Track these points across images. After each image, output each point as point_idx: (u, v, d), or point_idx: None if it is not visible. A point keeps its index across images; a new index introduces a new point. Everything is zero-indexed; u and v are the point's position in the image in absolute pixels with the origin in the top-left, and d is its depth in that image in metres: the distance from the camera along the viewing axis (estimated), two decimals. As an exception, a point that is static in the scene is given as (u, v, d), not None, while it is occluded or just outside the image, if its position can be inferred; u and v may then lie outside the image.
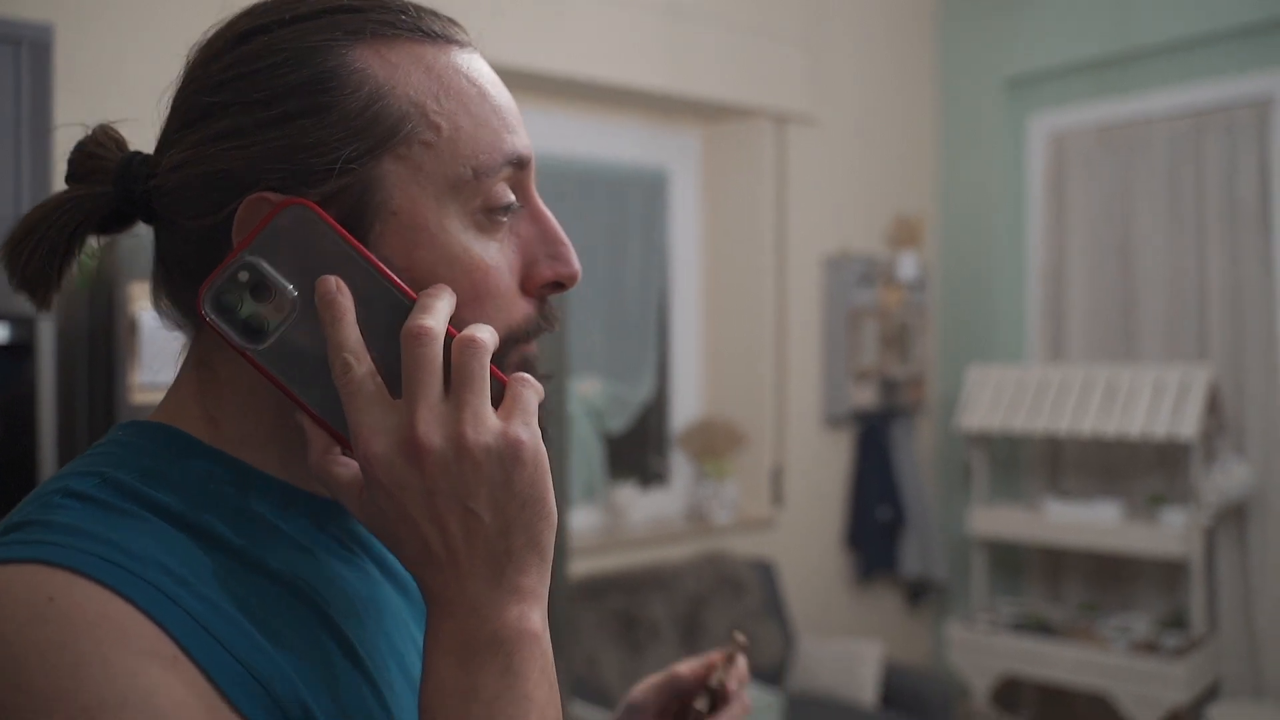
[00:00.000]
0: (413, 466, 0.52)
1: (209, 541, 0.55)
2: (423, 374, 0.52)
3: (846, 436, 4.13)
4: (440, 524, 0.52)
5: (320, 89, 0.55)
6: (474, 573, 0.53)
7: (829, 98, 4.01)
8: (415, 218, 0.56)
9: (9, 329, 1.88)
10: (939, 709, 3.45)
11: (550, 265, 0.62)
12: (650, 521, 3.80)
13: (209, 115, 0.56)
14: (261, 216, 0.54)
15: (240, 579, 0.54)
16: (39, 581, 0.48)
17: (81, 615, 0.47)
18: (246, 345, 0.55)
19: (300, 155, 0.55)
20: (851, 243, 4.11)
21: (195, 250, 0.57)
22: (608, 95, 3.56)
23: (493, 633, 0.52)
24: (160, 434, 0.59)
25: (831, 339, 4.04)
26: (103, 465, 0.56)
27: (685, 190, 3.97)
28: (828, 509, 4.10)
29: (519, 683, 0.52)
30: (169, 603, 0.50)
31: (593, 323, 3.74)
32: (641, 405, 3.84)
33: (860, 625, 4.13)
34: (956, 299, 4.35)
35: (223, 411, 0.59)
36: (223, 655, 0.50)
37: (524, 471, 0.53)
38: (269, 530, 0.58)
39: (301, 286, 0.55)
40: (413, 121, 0.56)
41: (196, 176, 0.56)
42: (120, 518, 0.53)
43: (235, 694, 0.50)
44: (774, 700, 3.25)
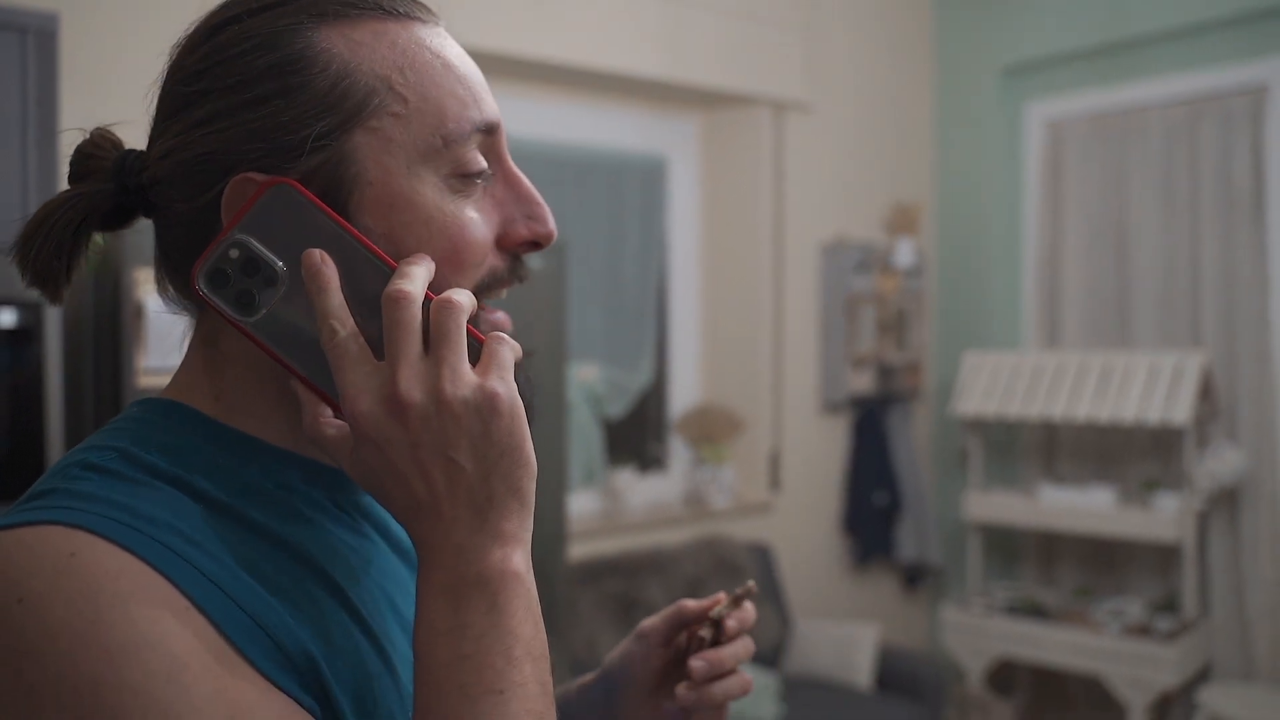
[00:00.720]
0: (396, 421, 0.55)
1: (215, 508, 0.58)
2: (402, 334, 0.56)
3: (843, 422, 4.17)
4: (425, 474, 0.56)
5: (290, 70, 0.59)
6: (458, 519, 0.56)
7: (826, 85, 4.02)
8: (389, 186, 0.60)
9: (16, 314, 1.91)
10: (934, 691, 3.49)
11: (527, 225, 0.65)
12: (649, 506, 3.84)
13: (190, 104, 0.60)
14: (248, 196, 0.58)
15: (245, 541, 0.58)
16: (62, 540, 0.52)
17: (102, 569, 0.51)
18: (240, 318, 0.58)
19: (276, 134, 0.58)
20: (849, 229, 4.14)
21: (189, 233, 0.61)
22: (605, 82, 3.57)
23: (478, 574, 0.56)
24: (171, 410, 0.63)
25: (829, 325, 4.07)
26: (118, 440, 0.60)
27: (683, 177, 3.99)
28: (825, 494, 4.14)
29: (504, 619, 0.56)
30: (180, 561, 0.53)
31: (592, 309, 3.76)
32: (640, 391, 3.87)
33: (856, 609, 4.17)
34: (953, 285, 4.38)
35: (228, 386, 0.63)
36: (231, 607, 0.54)
37: (501, 422, 0.56)
38: (271, 499, 0.62)
39: (289, 260, 0.58)
40: (380, 95, 0.60)
41: (182, 162, 0.59)
42: (135, 486, 0.57)
43: (243, 642, 0.53)
44: (771, 682, 3.30)
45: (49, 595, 0.50)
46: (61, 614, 0.49)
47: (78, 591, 0.50)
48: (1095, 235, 4.04)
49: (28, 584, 0.50)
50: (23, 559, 0.51)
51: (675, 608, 0.84)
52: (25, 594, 0.50)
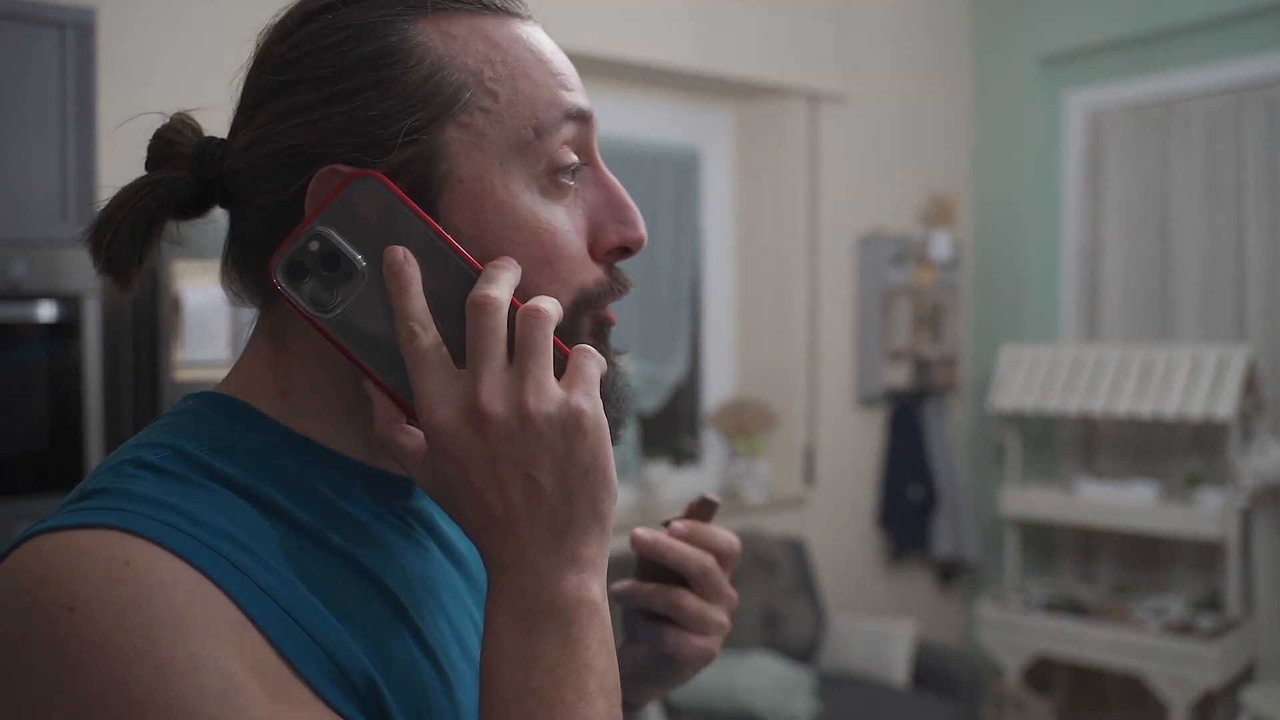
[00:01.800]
0: (476, 433, 0.53)
1: (274, 515, 0.56)
2: (487, 343, 0.53)
3: (879, 416, 4.13)
4: (503, 490, 0.53)
5: (383, 63, 0.57)
6: (535, 540, 0.54)
7: (862, 76, 3.98)
8: (481, 184, 0.57)
9: (56, 308, 1.93)
10: (970, 688, 3.46)
11: (617, 230, 0.63)
12: (681, 500, 3.82)
13: (277, 94, 0.58)
14: (332, 188, 0.56)
15: (304, 552, 0.55)
16: (115, 546, 0.49)
17: (156, 579, 0.48)
18: (315, 314, 0.56)
19: (366, 128, 0.56)
20: (885, 222, 4.10)
21: (266, 227, 0.58)
22: (641, 74, 3.56)
23: (552, 600, 0.53)
24: (230, 407, 0.60)
25: (864, 319, 4.03)
26: (173, 437, 0.57)
27: (718, 169, 3.97)
28: (860, 488, 4.11)
29: (579, 651, 0.53)
30: (237, 572, 0.51)
31: (625, 302, 3.68)
32: (674, 384, 3.86)
33: (891, 605, 4.14)
34: (990, 278, 4.32)
35: (294, 385, 0.60)
36: (289, 624, 0.51)
37: (585, 441, 0.54)
38: (331, 507, 0.59)
39: (370, 257, 0.56)
40: (471, 90, 0.58)
41: (266, 154, 0.57)
42: (190, 488, 0.54)
43: (302, 662, 0.51)
44: (805, 678, 3.27)
45: (99, 605, 0.47)
46: (113, 625, 0.47)
47: (130, 602, 0.47)
48: (1136, 226, 3.98)
49: (78, 591, 0.47)
50: (75, 564, 0.48)
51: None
52: (76, 602, 0.47)
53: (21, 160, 1.90)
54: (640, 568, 0.74)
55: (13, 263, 1.87)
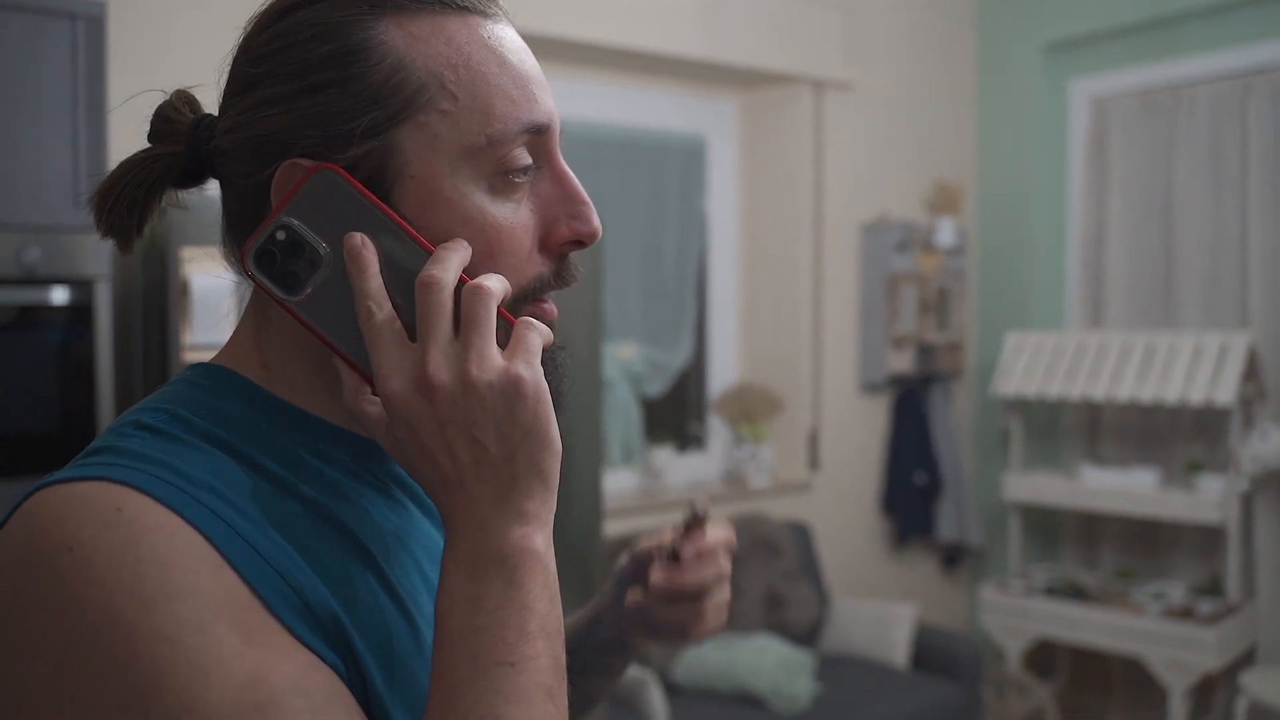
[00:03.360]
0: (425, 401, 0.58)
1: (255, 470, 0.61)
2: (433, 318, 0.58)
3: (883, 402, 4.16)
4: (451, 452, 0.58)
5: (346, 61, 0.60)
6: (482, 496, 0.59)
7: (867, 63, 4.00)
8: (431, 181, 0.61)
9: (70, 292, 1.98)
10: (970, 671, 3.50)
11: (569, 224, 0.66)
12: (687, 484, 3.87)
13: (253, 85, 0.62)
14: (295, 180, 0.60)
15: (282, 505, 0.61)
16: (109, 495, 0.55)
17: (144, 523, 0.54)
18: (285, 297, 0.61)
19: (329, 122, 0.60)
20: (890, 209, 4.12)
21: (246, 205, 0.63)
22: (646, 62, 3.59)
23: (498, 549, 0.58)
24: (221, 375, 0.66)
25: (869, 305, 4.06)
26: (170, 403, 0.63)
27: (723, 157, 4.00)
28: (864, 473, 4.14)
29: (520, 594, 0.58)
30: (216, 519, 0.56)
31: (631, 288, 3.79)
32: (679, 370, 3.90)
33: (895, 588, 4.17)
34: (995, 265, 4.34)
35: (274, 355, 0.66)
36: (262, 565, 0.56)
37: (525, 405, 0.58)
38: (308, 466, 0.64)
39: (332, 243, 0.61)
40: (431, 91, 0.61)
41: (244, 139, 0.62)
42: (181, 447, 0.60)
43: (273, 599, 0.56)
44: (807, 659, 3.32)
45: (95, 545, 0.53)
46: (105, 563, 0.52)
47: (121, 543, 0.53)
48: (1140, 213, 3.99)
49: (77, 534, 0.53)
50: (74, 511, 0.54)
51: (633, 555, 0.87)
52: (74, 544, 0.53)
53: (35, 149, 1.96)
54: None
55: (28, 248, 1.92)
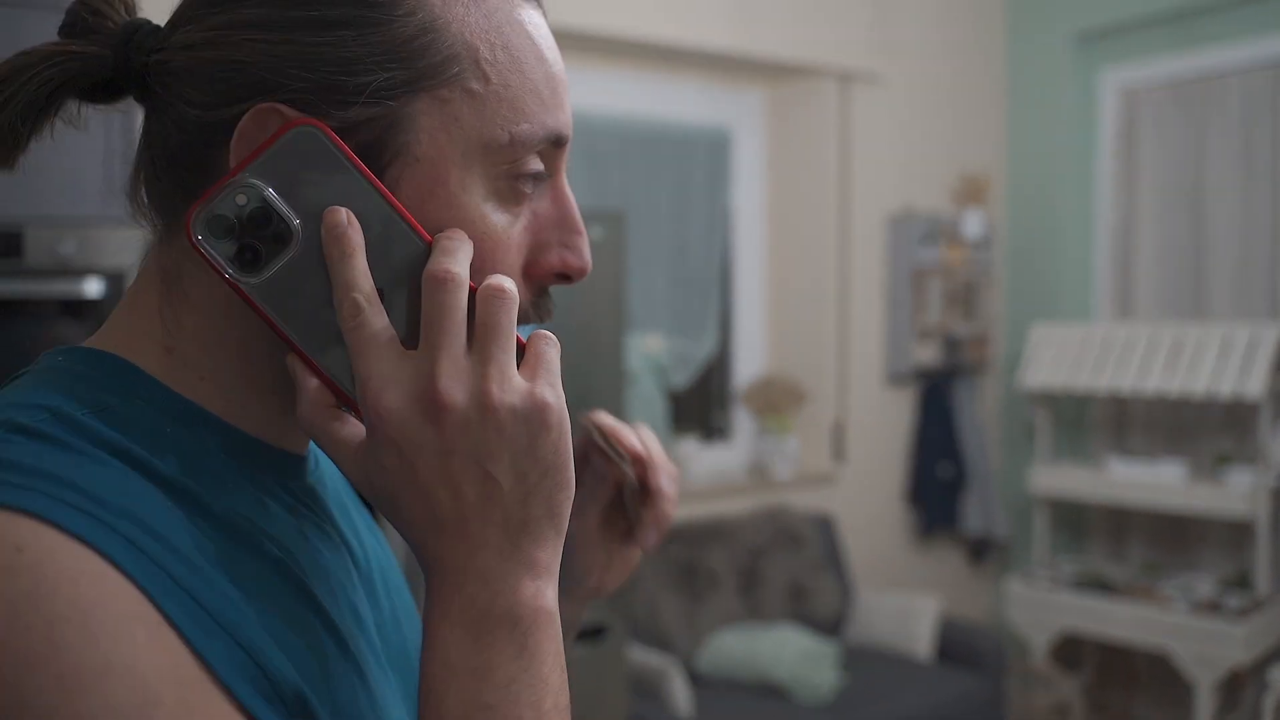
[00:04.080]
0: (429, 424, 0.47)
1: (172, 492, 0.48)
2: (446, 322, 0.48)
3: (909, 394, 4.16)
4: (454, 487, 0.48)
5: (371, 3, 0.50)
6: (487, 542, 0.49)
7: (894, 55, 3.99)
8: (438, 169, 0.51)
9: (102, 283, 2.02)
10: (994, 663, 3.50)
11: (560, 254, 0.56)
12: (712, 476, 3.89)
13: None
14: (269, 133, 0.49)
15: (212, 538, 0.48)
16: (4, 529, 0.41)
17: (56, 568, 0.41)
18: (239, 277, 0.49)
19: (330, 69, 0.49)
20: (916, 201, 4.11)
21: (190, 143, 0.51)
22: (671, 56, 3.60)
23: (507, 609, 0.48)
24: (107, 364, 0.52)
25: (894, 297, 4.06)
26: (46, 396, 0.48)
27: (749, 149, 4.00)
28: (889, 466, 4.14)
29: (535, 664, 0.48)
30: (146, 560, 0.44)
31: (657, 279, 3.81)
32: (704, 361, 3.91)
33: (920, 581, 4.17)
34: (1022, 257, 4.32)
35: (183, 339, 0.52)
36: (208, 622, 0.45)
37: (549, 437, 0.49)
38: (241, 491, 0.52)
39: (306, 217, 0.49)
40: (461, 64, 0.51)
41: (209, 61, 0.49)
42: (81, 459, 0.46)
43: (221, 667, 0.45)
44: (830, 650, 3.33)
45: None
46: (5, 626, 0.40)
47: (26, 597, 0.40)
48: (1170, 205, 3.96)
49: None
50: None
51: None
52: None
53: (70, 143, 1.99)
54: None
55: (62, 241, 1.97)
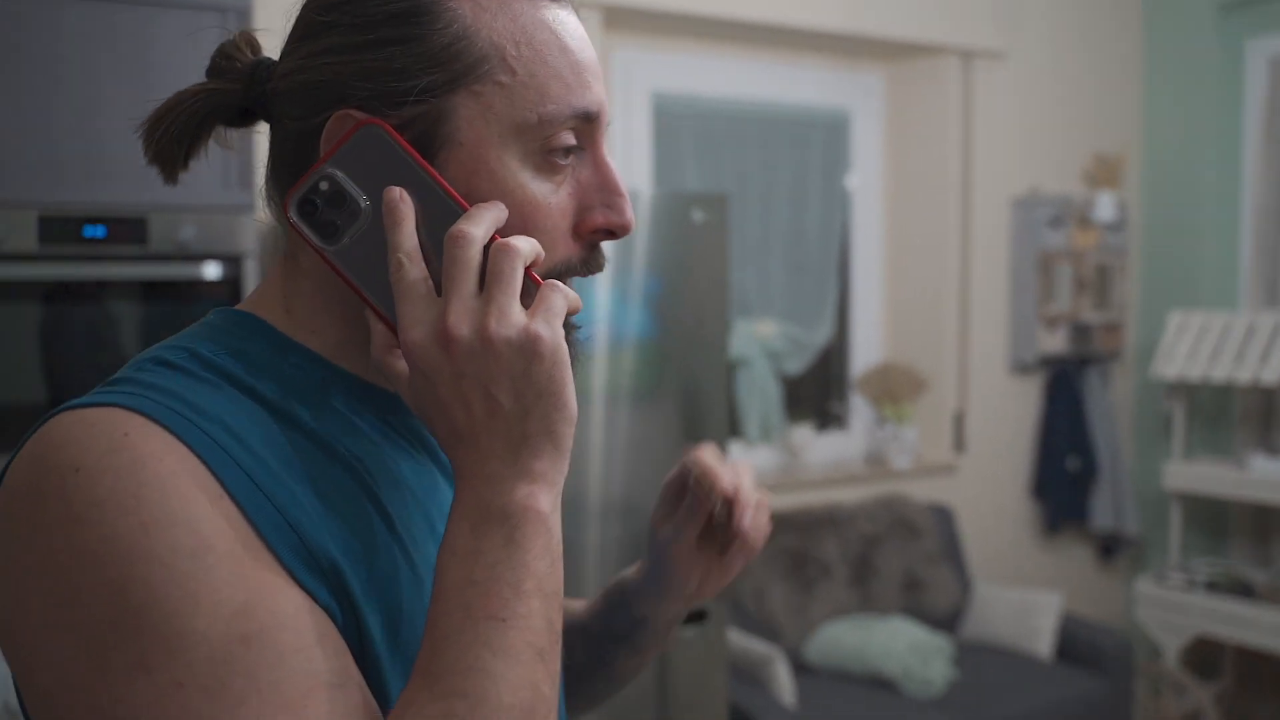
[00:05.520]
0: (443, 352, 0.58)
1: (273, 411, 0.62)
2: (457, 271, 0.59)
3: (1035, 383, 4.01)
4: (465, 405, 0.59)
5: (412, 20, 0.62)
6: (493, 451, 0.59)
7: (1020, 30, 3.84)
8: (478, 150, 0.62)
9: (220, 267, 2.13)
10: (1119, 666, 3.34)
11: (604, 213, 0.67)
12: (827, 464, 3.83)
13: (318, 32, 0.64)
14: (344, 131, 0.62)
15: (296, 446, 0.61)
16: (119, 420, 0.56)
17: (149, 449, 0.55)
18: (323, 245, 0.62)
19: (386, 78, 0.61)
20: (1043, 183, 3.95)
21: (294, 148, 0.65)
22: (788, 38, 3.55)
23: (502, 506, 0.58)
24: (245, 319, 0.67)
25: (1019, 283, 3.91)
26: (192, 342, 0.64)
27: (868, 131, 3.92)
28: (1013, 457, 4.00)
29: (519, 553, 0.58)
30: (222, 452, 0.57)
31: (772, 264, 3.77)
32: (820, 348, 3.86)
33: (1043, 577, 4.02)
34: (1160, 241, 4.10)
35: (300, 303, 0.67)
36: (263, 501, 0.57)
37: (542, 365, 0.59)
38: (327, 411, 0.65)
39: (373, 197, 0.62)
40: (491, 63, 0.62)
41: (301, 84, 0.63)
42: (196, 382, 0.60)
43: (270, 535, 0.57)
44: (944, 645, 3.25)
45: (100, 467, 0.54)
46: (109, 485, 0.53)
47: (125, 467, 0.54)
48: (1326, 184, 3.69)
49: (84, 456, 0.54)
50: (84, 434, 0.55)
51: (665, 505, 0.85)
52: (81, 464, 0.54)
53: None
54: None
55: (182, 226, 2.08)
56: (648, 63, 3.45)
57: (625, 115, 3.40)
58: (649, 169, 3.46)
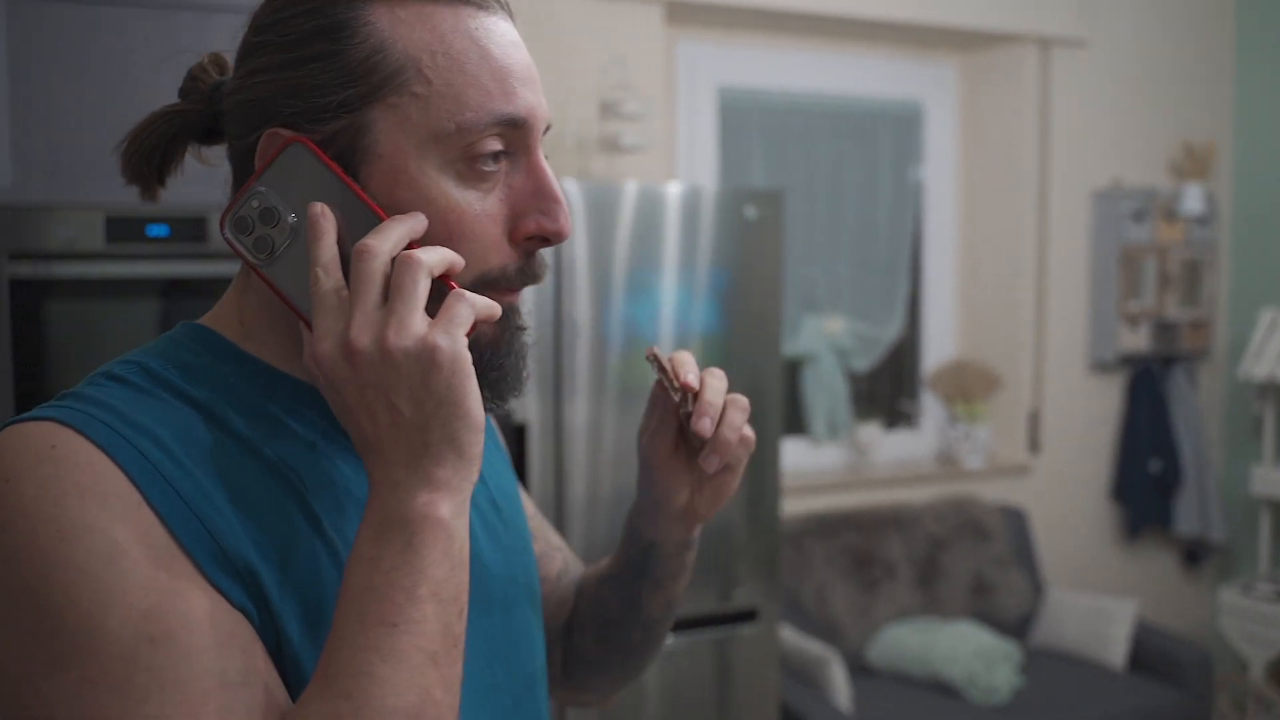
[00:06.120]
0: (347, 364, 0.60)
1: (210, 421, 0.64)
2: (359, 284, 0.60)
3: (1115, 382, 3.87)
4: (370, 414, 0.61)
5: (332, 37, 0.63)
6: (396, 459, 0.61)
7: (1102, 15, 3.70)
8: (398, 161, 0.63)
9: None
10: (1198, 678, 3.21)
11: (537, 220, 0.67)
12: (896, 462, 3.76)
13: (253, 53, 0.66)
14: (274, 148, 0.64)
15: (227, 453, 0.64)
16: (50, 433, 0.59)
17: (73, 461, 0.58)
18: (257, 261, 0.64)
19: (309, 94, 0.63)
20: (1125, 174, 3.80)
21: (241, 164, 0.67)
22: (859, 29, 3.48)
23: (402, 514, 0.60)
24: (200, 333, 0.70)
25: (1099, 278, 3.78)
26: (146, 356, 0.67)
27: (941, 123, 3.82)
28: (1091, 458, 3.87)
29: (415, 559, 0.59)
30: (145, 463, 0.60)
31: (840, 260, 3.71)
32: (890, 344, 3.79)
33: (1121, 583, 3.89)
34: (1252, 234, 3.92)
35: (251, 315, 0.70)
36: (181, 508, 0.59)
37: (440, 374, 0.60)
38: (269, 420, 0.67)
39: (300, 212, 0.64)
40: (407, 74, 0.63)
41: (240, 103, 0.66)
42: (138, 395, 0.63)
43: (186, 539, 0.59)
44: (1011, 651, 3.16)
45: (27, 478, 0.57)
46: (33, 494, 0.57)
47: (49, 477, 0.57)
48: None
49: (15, 467, 0.57)
50: (19, 446, 0.58)
51: (646, 426, 0.84)
52: (11, 475, 0.57)
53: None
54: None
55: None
56: (713, 57, 3.42)
57: (690, 110, 3.38)
58: (714, 165, 3.44)
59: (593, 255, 2.36)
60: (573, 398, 2.36)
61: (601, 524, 2.39)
